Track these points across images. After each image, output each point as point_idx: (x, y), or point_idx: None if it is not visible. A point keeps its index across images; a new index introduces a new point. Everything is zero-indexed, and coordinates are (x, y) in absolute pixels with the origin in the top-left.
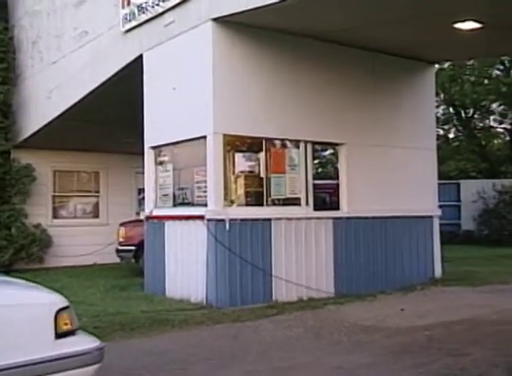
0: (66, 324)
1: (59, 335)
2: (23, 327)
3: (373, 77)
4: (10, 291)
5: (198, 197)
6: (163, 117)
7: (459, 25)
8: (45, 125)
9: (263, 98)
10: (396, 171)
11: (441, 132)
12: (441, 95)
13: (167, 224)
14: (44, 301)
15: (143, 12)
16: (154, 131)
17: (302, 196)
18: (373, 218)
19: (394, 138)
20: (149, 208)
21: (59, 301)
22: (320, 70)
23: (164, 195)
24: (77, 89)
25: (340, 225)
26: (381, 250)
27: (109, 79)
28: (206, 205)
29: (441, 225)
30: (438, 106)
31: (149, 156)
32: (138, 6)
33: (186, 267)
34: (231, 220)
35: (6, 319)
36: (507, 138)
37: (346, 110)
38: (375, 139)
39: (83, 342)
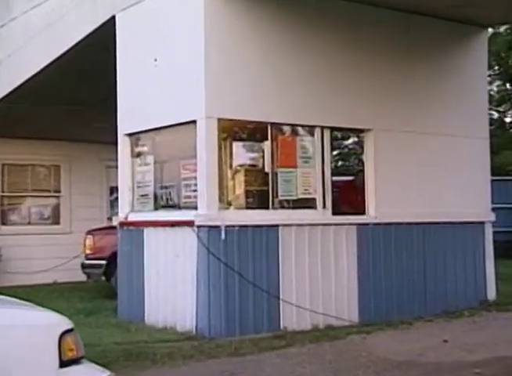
0: (71, 350)
1: (64, 363)
2: (22, 354)
3: (408, 45)
4: (4, 310)
5: (186, 197)
6: (141, 97)
7: None
8: None
9: (269, 72)
10: (437, 165)
11: (496, 115)
12: (496, 68)
13: (147, 232)
14: (45, 321)
15: None
16: (130, 114)
17: (318, 196)
18: (408, 224)
19: (436, 123)
20: (123, 212)
21: (63, 322)
22: (342, 38)
23: (143, 195)
24: (32, 61)
25: (365, 233)
26: (419, 265)
27: (73, 48)
28: (196, 208)
29: (494, 233)
30: (491, 83)
31: (123, 145)
32: None
33: (171, 286)
34: (227, 227)
35: (1, 344)
36: None
37: (374, 87)
38: (410, 124)
39: (90, 373)
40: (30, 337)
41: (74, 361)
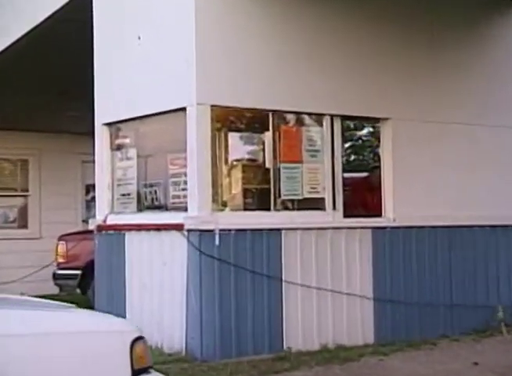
0: (141, 359)
1: (135, 372)
2: (94, 362)
3: (433, 18)
4: (77, 316)
5: (174, 197)
6: (122, 81)
7: None
8: None
9: (271, 52)
10: (466, 161)
11: None
12: None
13: (129, 237)
14: (117, 328)
15: None
16: (109, 100)
17: (327, 196)
18: (433, 228)
19: (464, 112)
20: (102, 214)
21: (133, 329)
22: (357, 14)
23: (125, 195)
24: None
25: (382, 238)
26: (444, 275)
27: (43, 23)
28: (186, 209)
29: None
30: None
31: (102, 137)
32: None
33: (157, 300)
34: (222, 231)
35: (74, 351)
36: None
37: (393, 70)
38: (434, 112)
39: None
40: (104, 344)
41: (144, 370)
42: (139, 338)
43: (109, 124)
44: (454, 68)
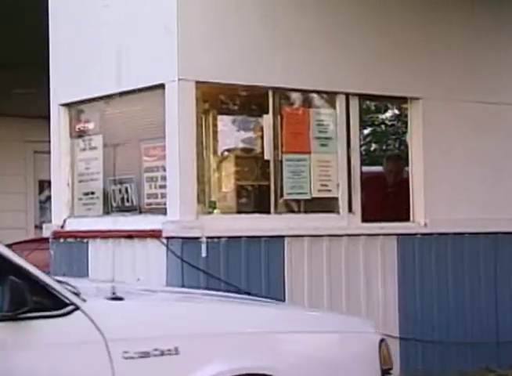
0: (387, 359)
1: (383, 373)
2: (354, 362)
3: None
4: (329, 316)
5: (150, 196)
6: (85, 51)
7: None
8: None
9: (271, 18)
10: None
11: None
12: None
13: (93, 246)
14: (368, 329)
15: None
16: (69, 75)
17: (341, 195)
18: (473, 235)
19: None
20: (59, 218)
21: (377, 330)
22: None
23: (88, 193)
24: None
25: (410, 247)
26: (487, 292)
27: None
28: (165, 212)
29: None
30: None
31: (59, 121)
32: None
33: None
34: (210, 239)
35: (339, 351)
36: None
37: (423, 38)
38: (477, 90)
39: None
40: (360, 344)
41: (387, 371)
42: (383, 340)
43: (68, 105)
44: (496, 39)
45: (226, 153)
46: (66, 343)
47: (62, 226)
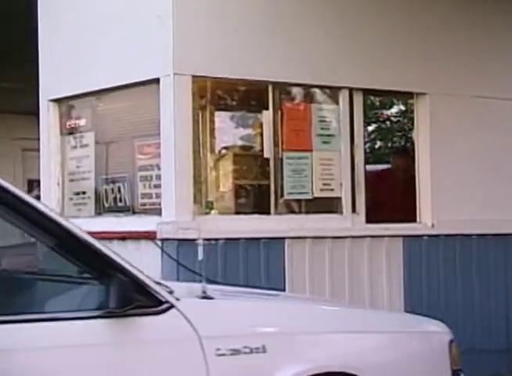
0: (456, 360)
1: (453, 374)
2: (425, 363)
3: None
4: (399, 316)
5: (144, 196)
6: (76, 44)
7: None
8: None
9: (272, 8)
10: None
11: None
12: None
13: None
14: (439, 329)
15: None
16: (59, 69)
17: (344, 194)
18: (483, 236)
19: None
20: None
21: (448, 331)
22: None
23: (79, 193)
24: None
25: (417, 250)
26: (499, 297)
27: None
28: (160, 213)
29: None
30: None
31: (49, 117)
32: None
33: None
34: (208, 241)
35: (412, 350)
36: None
37: (429, 32)
38: (487, 85)
39: None
40: (430, 344)
41: (457, 373)
42: (452, 340)
43: (58, 101)
44: (506, 35)
45: (224, 150)
46: (163, 339)
47: None
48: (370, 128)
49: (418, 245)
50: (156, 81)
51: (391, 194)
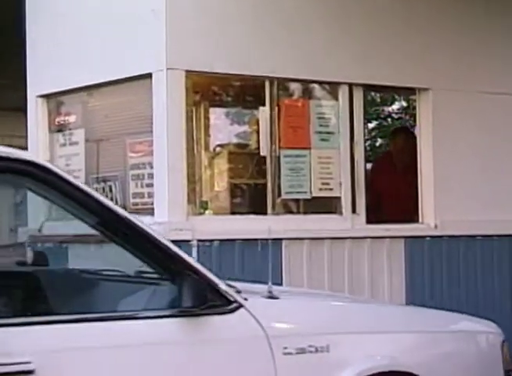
0: (508, 360)
1: (506, 374)
2: (480, 362)
3: None
4: (454, 316)
5: (136, 195)
6: (65, 38)
7: None
8: None
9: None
10: None
11: None
12: None
13: (74, 250)
14: (492, 329)
15: None
16: (48, 63)
17: (344, 194)
18: (488, 237)
19: None
20: (36, 221)
21: (500, 331)
22: None
23: None
24: None
25: (419, 251)
26: (504, 300)
27: None
28: (152, 213)
29: None
30: None
31: (37, 114)
32: None
33: None
34: (202, 242)
35: (468, 351)
36: None
37: (431, 24)
38: (493, 80)
39: None
40: (483, 344)
41: (508, 373)
42: (504, 341)
43: (46, 97)
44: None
45: (219, 148)
46: (234, 338)
47: (39, 230)
48: (371, 125)
49: (420, 247)
50: (149, 76)
51: (392, 194)
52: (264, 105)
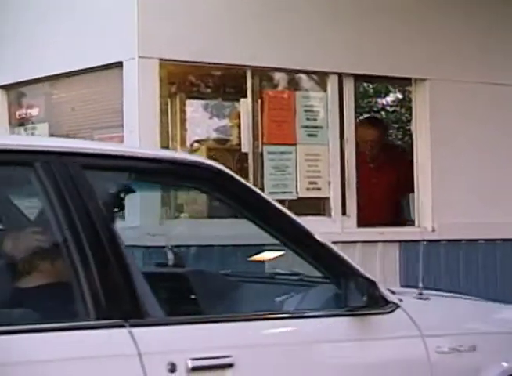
0: None
1: None
2: None
3: None
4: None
5: None
6: (27, 22)
7: None
8: None
9: None
10: None
11: None
12: None
13: None
14: None
15: None
16: (7, 52)
17: (333, 194)
18: (490, 241)
19: None
20: None
21: None
22: None
23: None
24: None
25: (416, 256)
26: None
27: None
28: (123, 217)
29: None
30: None
31: None
32: None
33: None
34: (178, 248)
35: None
36: None
37: (427, 9)
38: (493, 70)
39: None
40: None
41: None
42: None
43: (6, 88)
44: None
45: (196, 144)
46: (394, 337)
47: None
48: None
49: (416, 251)
50: (119, 64)
51: (386, 194)
52: (245, 97)
